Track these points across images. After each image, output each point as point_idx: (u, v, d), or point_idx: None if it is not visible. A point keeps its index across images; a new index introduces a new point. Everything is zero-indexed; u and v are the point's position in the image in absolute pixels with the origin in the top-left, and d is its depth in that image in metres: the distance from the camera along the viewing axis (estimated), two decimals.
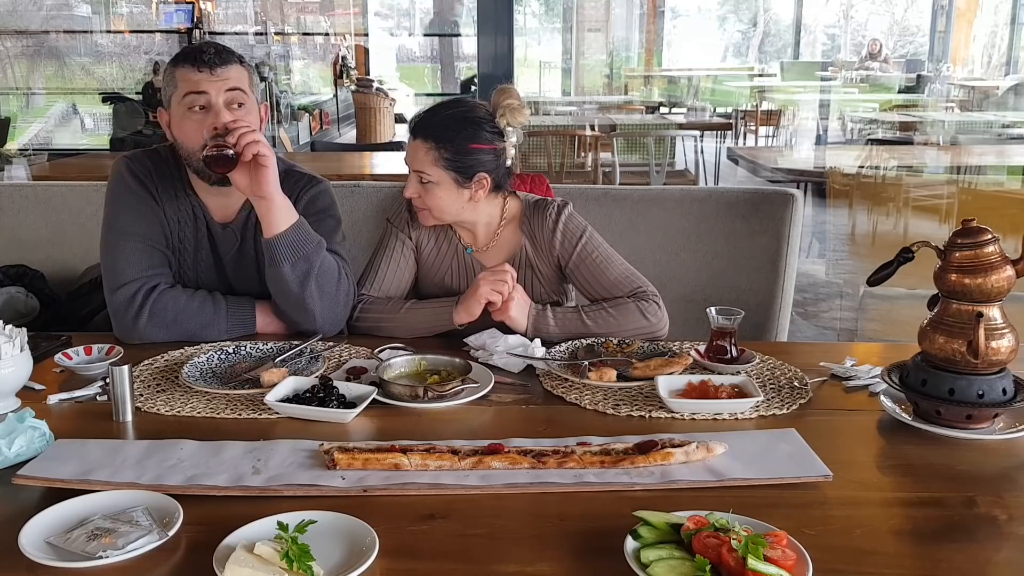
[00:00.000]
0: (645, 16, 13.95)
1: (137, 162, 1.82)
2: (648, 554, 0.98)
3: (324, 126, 10.75)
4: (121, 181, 1.81)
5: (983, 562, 1.03)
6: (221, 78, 1.70)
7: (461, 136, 1.76)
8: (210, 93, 1.69)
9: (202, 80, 1.69)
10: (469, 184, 1.79)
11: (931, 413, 1.37)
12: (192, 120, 1.70)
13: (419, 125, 1.79)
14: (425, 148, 1.76)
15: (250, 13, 11.04)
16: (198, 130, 1.69)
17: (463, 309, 1.75)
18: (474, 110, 1.82)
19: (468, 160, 1.77)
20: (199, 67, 1.69)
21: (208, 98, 1.69)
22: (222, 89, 1.70)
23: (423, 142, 1.77)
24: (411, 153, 1.79)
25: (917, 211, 4.42)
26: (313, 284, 1.73)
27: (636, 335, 1.77)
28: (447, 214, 1.83)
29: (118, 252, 1.77)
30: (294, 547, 0.96)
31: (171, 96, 1.73)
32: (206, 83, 1.69)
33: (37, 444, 1.26)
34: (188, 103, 1.70)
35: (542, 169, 5.73)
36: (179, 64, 1.72)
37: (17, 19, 9.66)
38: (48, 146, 8.73)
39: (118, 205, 1.80)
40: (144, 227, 1.78)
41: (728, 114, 10.78)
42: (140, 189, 1.80)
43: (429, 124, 1.78)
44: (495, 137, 1.80)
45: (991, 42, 12.52)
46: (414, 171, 1.79)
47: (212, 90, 1.69)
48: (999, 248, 1.34)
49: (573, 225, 1.87)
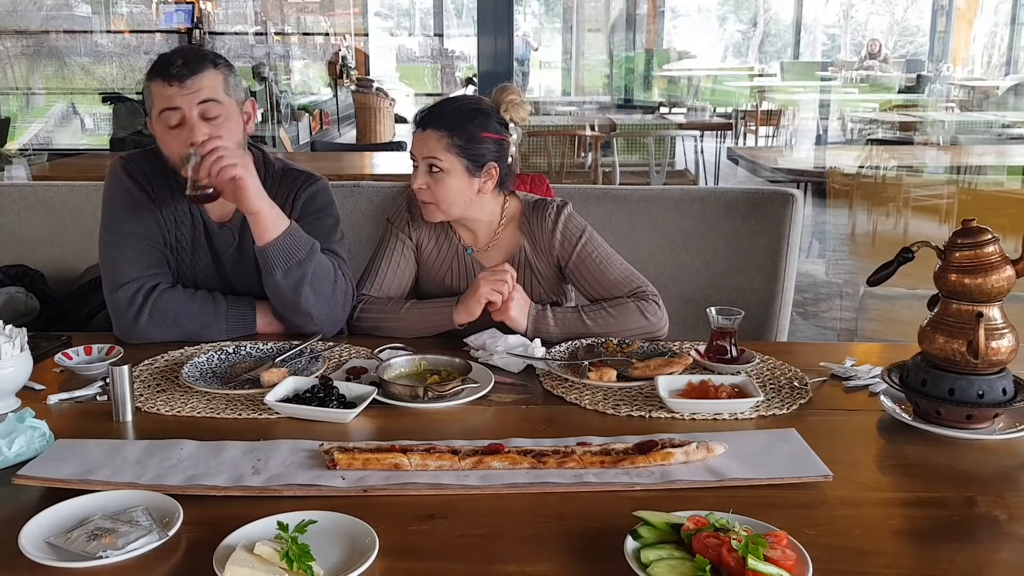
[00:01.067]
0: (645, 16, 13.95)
1: (133, 163, 1.82)
2: (648, 554, 0.98)
3: (324, 126, 10.75)
4: (118, 182, 1.81)
5: (983, 562, 1.03)
6: (192, 90, 1.66)
7: (473, 124, 1.78)
8: (183, 108, 1.66)
9: (174, 95, 1.66)
10: (479, 173, 1.80)
11: (931, 413, 1.37)
12: (170, 136, 1.69)
13: (428, 116, 1.80)
14: (437, 136, 1.77)
15: (250, 13, 11.04)
16: (177, 147, 1.68)
17: (463, 309, 1.75)
18: (481, 102, 1.85)
19: (480, 148, 1.78)
20: (169, 81, 1.66)
21: (182, 113, 1.66)
22: (194, 102, 1.66)
23: (435, 131, 1.78)
24: (421, 143, 1.79)
25: (917, 211, 4.42)
26: (308, 289, 1.72)
27: (636, 335, 1.77)
28: (455, 207, 1.83)
29: (117, 252, 1.77)
30: (294, 547, 0.96)
31: (150, 110, 1.71)
32: (178, 98, 1.65)
33: (37, 444, 1.26)
34: (164, 120, 1.68)
35: (542, 169, 5.73)
36: (152, 78, 1.69)
37: (17, 19, 9.66)
38: (48, 146, 8.73)
39: (115, 206, 1.80)
40: (142, 227, 1.78)
41: (728, 114, 10.77)
42: (136, 190, 1.80)
43: (440, 114, 1.79)
44: (502, 128, 1.82)
45: (991, 42, 12.52)
46: (424, 159, 1.79)
47: (184, 104, 1.66)
48: (999, 248, 1.34)
49: (572, 225, 1.87)
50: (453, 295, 1.83)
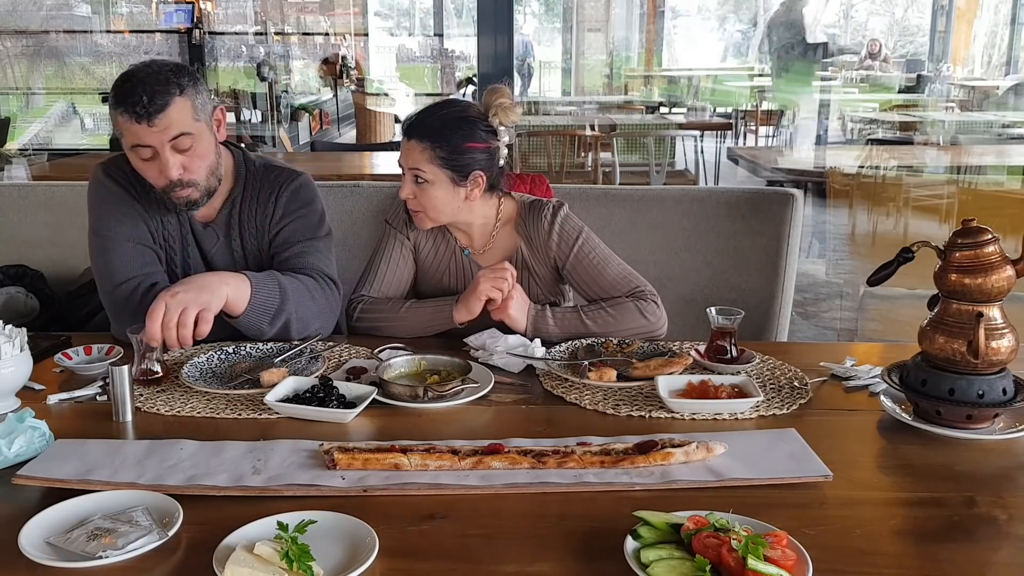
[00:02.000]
0: (645, 16, 13.95)
1: (114, 166, 1.83)
2: (648, 554, 0.98)
3: (324, 126, 10.74)
4: (101, 186, 1.81)
5: (983, 562, 1.03)
6: (160, 128, 1.62)
7: (457, 135, 1.76)
8: (154, 145, 1.64)
9: (143, 133, 1.62)
10: (465, 183, 1.79)
11: (931, 413, 1.37)
12: (145, 167, 1.68)
13: (413, 126, 1.79)
14: (420, 148, 1.76)
15: (250, 13, 11.03)
16: (154, 176, 1.68)
17: (463, 307, 1.75)
18: (467, 109, 1.82)
19: (464, 159, 1.77)
20: (136, 119, 1.61)
21: (153, 149, 1.64)
22: (165, 140, 1.63)
23: (418, 142, 1.76)
24: (406, 153, 1.79)
25: (917, 211, 4.41)
26: (295, 321, 1.73)
27: (635, 335, 1.76)
28: (443, 215, 1.83)
29: (110, 254, 1.77)
30: (294, 547, 0.96)
31: (120, 137, 1.68)
32: (148, 136, 1.62)
33: (37, 444, 1.27)
34: (137, 153, 1.67)
35: (542, 169, 5.73)
36: (117, 110, 1.63)
37: (17, 19, 9.66)
38: (48, 146, 8.73)
39: (101, 209, 1.81)
40: (131, 227, 1.79)
41: (728, 114, 10.77)
42: (120, 191, 1.80)
43: (424, 124, 1.78)
44: (489, 136, 1.80)
45: (991, 42, 12.52)
46: (409, 170, 1.79)
47: (155, 142, 1.63)
48: (999, 248, 1.34)
49: (569, 226, 1.87)
50: (452, 295, 1.83)
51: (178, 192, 1.69)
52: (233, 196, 1.84)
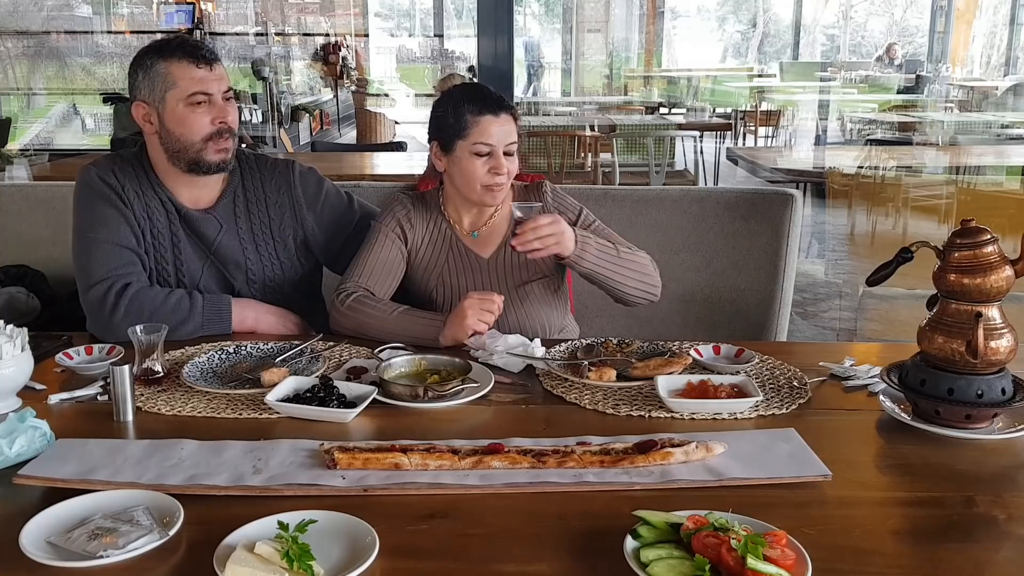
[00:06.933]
0: (645, 16, 13.96)
1: (100, 167, 1.85)
2: (648, 553, 0.98)
3: (324, 126, 10.74)
4: (87, 187, 1.84)
5: (983, 562, 1.03)
6: (218, 76, 1.78)
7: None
8: (213, 92, 1.76)
9: (206, 78, 1.76)
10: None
11: (930, 413, 1.38)
12: (197, 114, 1.76)
13: (500, 101, 1.83)
14: (513, 120, 1.83)
15: (250, 13, 11.04)
16: (205, 122, 1.76)
17: (450, 334, 1.71)
18: None
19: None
20: (199, 63, 1.74)
21: (211, 96, 1.76)
22: (222, 88, 1.78)
23: (509, 115, 1.83)
24: (506, 130, 1.81)
25: (916, 211, 4.42)
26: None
27: (644, 286, 1.85)
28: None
29: (89, 255, 1.80)
30: (294, 547, 0.97)
31: (166, 93, 1.74)
32: (208, 80, 1.76)
33: (38, 444, 1.27)
34: (193, 100, 1.75)
35: (542, 169, 5.73)
36: (176, 59, 1.74)
37: (18, 19, 9.66)
38: (49, 146, 8.73)
39: (86, 211, 1.83)
40: (112, 228, 1.81)
41: (727, 114, 10.77)
42: (107, 191, 1.82)
43: (503, 99, 1.84)
44: None
45: (990, 42, 12.52)
46: (508, 145, 1.81)
47: (214, 89, 1.77)
48: (998, 248, 1.34)
49: (568, 200, 1.94)
50: (451, 289, 1.85)
51: (221, 143, 1.78)
52: (234, 184, 1.90)
